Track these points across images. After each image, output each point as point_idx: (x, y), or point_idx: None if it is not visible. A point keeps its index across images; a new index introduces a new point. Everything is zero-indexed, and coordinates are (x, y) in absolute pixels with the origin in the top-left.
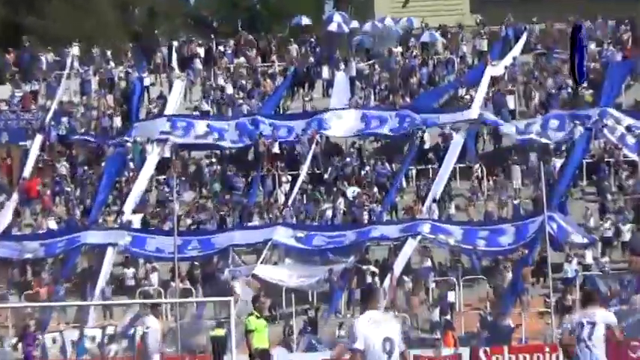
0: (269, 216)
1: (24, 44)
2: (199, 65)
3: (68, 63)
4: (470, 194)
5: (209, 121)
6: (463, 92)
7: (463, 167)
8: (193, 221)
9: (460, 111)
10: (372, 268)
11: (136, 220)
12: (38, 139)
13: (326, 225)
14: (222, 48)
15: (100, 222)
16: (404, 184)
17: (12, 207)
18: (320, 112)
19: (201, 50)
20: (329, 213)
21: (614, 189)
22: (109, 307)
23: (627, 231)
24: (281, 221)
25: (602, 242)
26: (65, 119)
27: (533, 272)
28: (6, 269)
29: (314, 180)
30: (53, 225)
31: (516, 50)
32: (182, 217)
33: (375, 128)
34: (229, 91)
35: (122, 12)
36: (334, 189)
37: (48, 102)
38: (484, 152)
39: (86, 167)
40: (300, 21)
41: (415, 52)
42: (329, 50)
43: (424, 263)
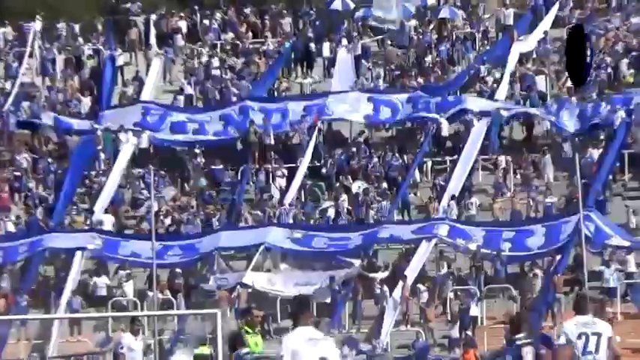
0: (261, 215)
1: None
2: (181, 42)
3: (29, 40)
4: (494, 190)
5: (188, 114)
6: (485, 72)
7: (486, 159)
8: (174, 222)
9: (482, 94)
10: (381, 275)
11: (108, 221)
12: None
13: (327, 225)
14: (207, 22)
15: (67, 223)
16: (417, 178)
17: None
18: (320, 96)
19: (183, 24)
20: (331, 212)
21: None
22: (77, 322)
23: None
24: (275, 221)
25: None
26: (26, 104)
27: (566, 280)
28: None
29: (313, 174)
30: (11, 227)
31: (547, 23)
32: (161, 217)
33: (385, 114)
34: (215, 72)
35: None
36: (337, 184)
37: (7, 84)
38: (510, 141)
39: (50, 159)
40: None
41: (432, 26)
42: (330, 24)
43: (441, 270)
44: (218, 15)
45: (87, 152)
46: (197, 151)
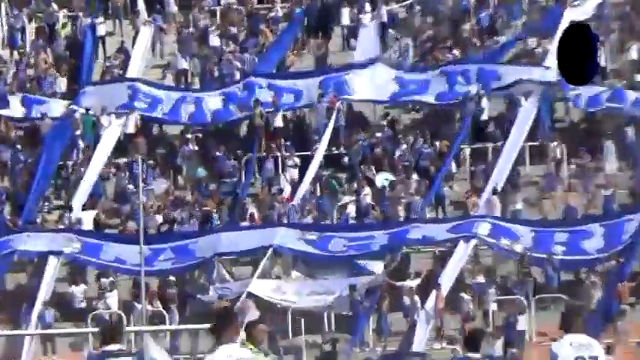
0: (269, 213)
1: None
2: (174, 8)
3: None
4: (544, 183)
5: (182, 93)
6: (534, 44)
7: (535, 146)
8: (166, 220)
9: (531, 69)
10: (411, 283)
11: (88, 220)
12: None
13: (347, 224)
14: None
15: (39, 222)
16: (454, 169)
17: None
18: (339, 71)
19: None
20: (351, 208)
21: None
22: (51, 339)
23: None
24: (285, 220)
25: None
26: None
27: (632, 289)
28: None
29: (331, 163)
30: None
31: None
32: (151, 215)
33: (415, 93)
34: (215, 43)
35: None
36: (359, 175)
37: None
38: (564, 125)
39: (19, 147)
40: None
41: None
42: None
43: (481, 276)
44: None
45: (63, 138)
46: (191, 137)
